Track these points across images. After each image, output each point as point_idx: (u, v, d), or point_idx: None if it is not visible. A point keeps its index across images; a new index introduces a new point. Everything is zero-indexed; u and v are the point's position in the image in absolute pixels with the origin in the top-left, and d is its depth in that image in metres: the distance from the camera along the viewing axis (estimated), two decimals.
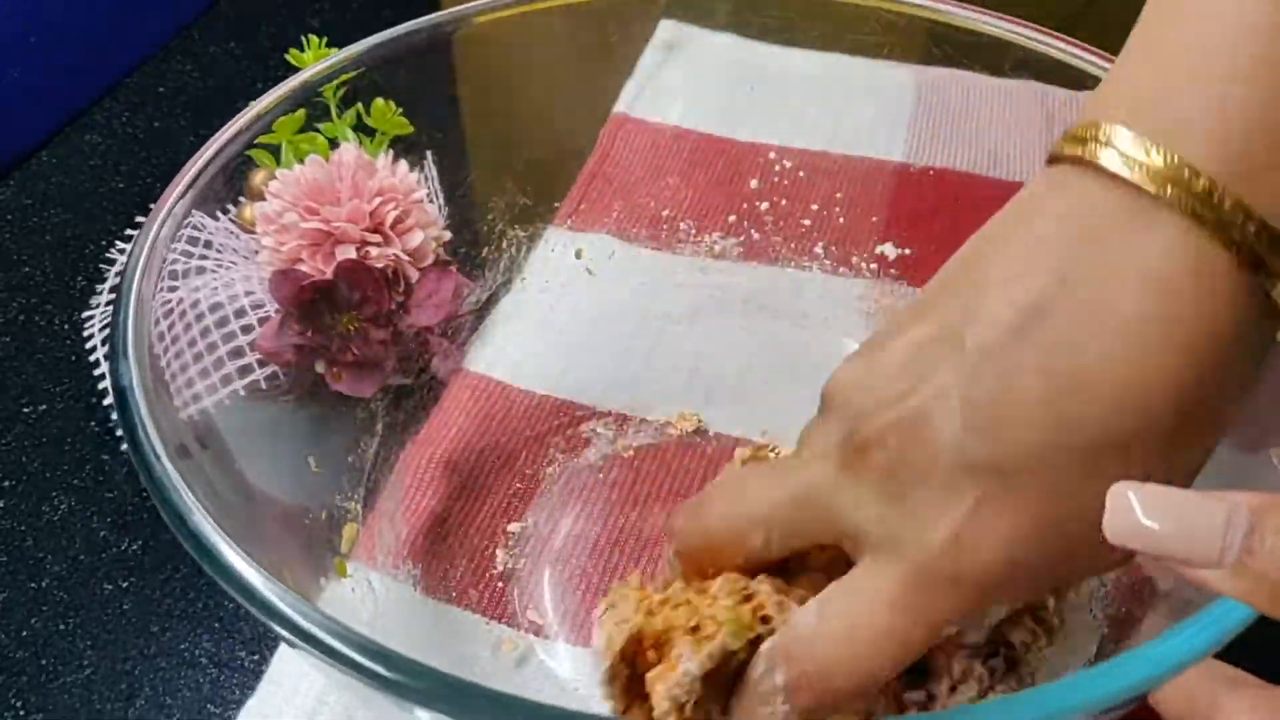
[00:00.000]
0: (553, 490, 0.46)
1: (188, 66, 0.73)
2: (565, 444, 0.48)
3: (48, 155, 0.66)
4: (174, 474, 0.29)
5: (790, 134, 0.54)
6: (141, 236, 0.37)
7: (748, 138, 0.55)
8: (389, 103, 0.47)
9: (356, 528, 0.42)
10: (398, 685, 0.25)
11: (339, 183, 0.44)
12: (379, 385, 0.46)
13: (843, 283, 0.51)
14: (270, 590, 0.27)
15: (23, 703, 0.41)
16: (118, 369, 0.32)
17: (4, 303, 0.57)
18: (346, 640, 0.25)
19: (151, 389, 0.32)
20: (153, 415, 0.31)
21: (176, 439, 0.31)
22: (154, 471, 0.29)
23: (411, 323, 0.47)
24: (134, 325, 0.33)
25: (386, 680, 0.25)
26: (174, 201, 0.38)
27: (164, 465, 0.29)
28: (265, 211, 0.43)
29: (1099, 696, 0.24)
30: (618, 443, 0.48)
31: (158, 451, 0.30)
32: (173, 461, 0.30)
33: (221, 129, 0.41)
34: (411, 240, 0.46)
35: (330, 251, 0.44)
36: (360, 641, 0.25)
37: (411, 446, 0.46)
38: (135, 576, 0.45)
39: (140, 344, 0.33)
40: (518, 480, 0.46)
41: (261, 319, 0.42)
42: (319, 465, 0.42)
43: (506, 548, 0.44)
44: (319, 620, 0.26)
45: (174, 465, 0.29)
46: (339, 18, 0.77)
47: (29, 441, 0.50)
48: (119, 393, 0.31)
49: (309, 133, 0.45)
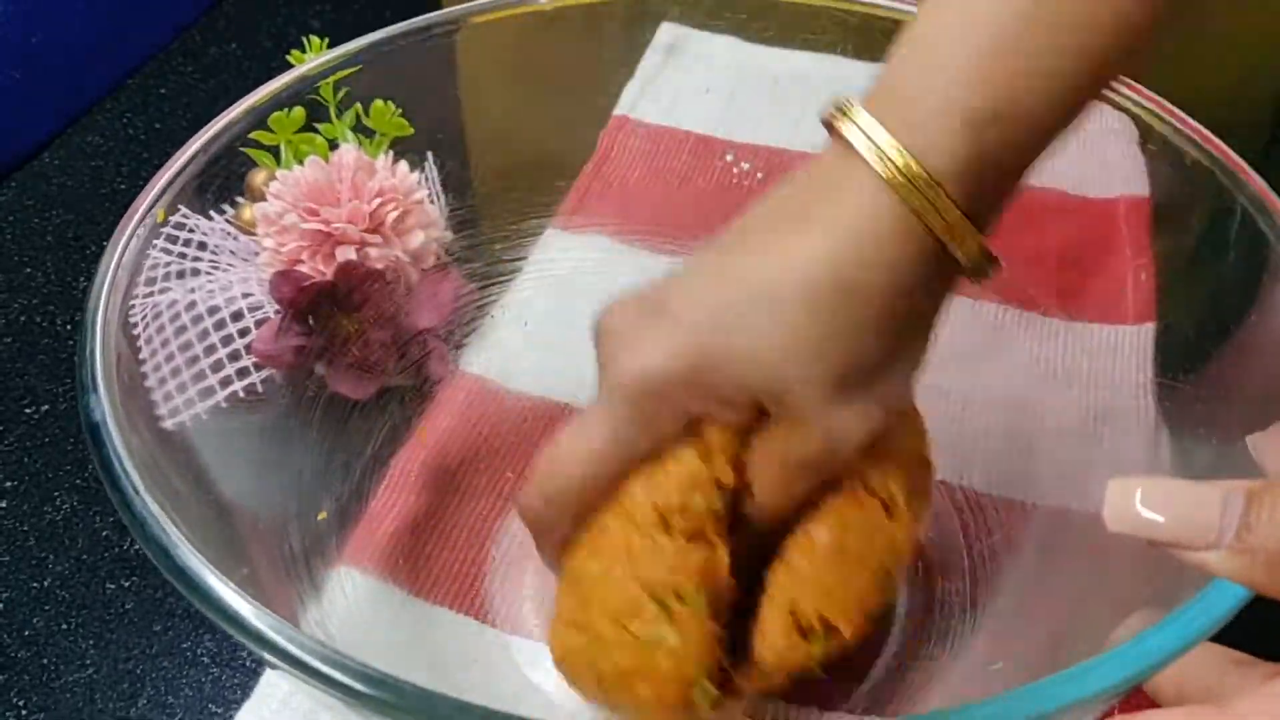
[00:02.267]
0: None
1: (189, 68, 0.73)
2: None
3: (49, 156, 0.66)
4: (154, 507, 0.28)
5: (791, 136, 0.54)
6: (107, 255, 0.35)
7: (748, 140, 0.55)
8: (388, 104, 0.47)
9: (326, 516, 0.42)
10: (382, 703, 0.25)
11: (339, 184, 0.44)
12: (379, 387, 0.46)
13: None
14: (259, 619, 0.26)
15: (25, 702, 0.41)
16: (88, 404, 0.31)
17: (5, 303, 0.57)
18: (335, 664, 0.25)
19: (124, 418, 0.31)
20: (128, 448, 0.30)
21: (154, 458, 0.31)
22: (134, 507, 0.28)
23: (412, 324, 0.47)
24: (102, 354, 0.32)
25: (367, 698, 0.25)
26: (142, 215, 0.37)
27: (144, 500, 0.28)
28: (265, 212, 0.43)
29: (1095, 690, 0.24)
30: None
31: (137, 487, 0.29)
32: (151, 495, 0.29)
33: (205, 126, 0.41)
34: (412, 241, 0.46)
35: (330, 253, 0.44)
36: (347, 664, 0.25)
37: (404, 448, 0.46)
38: (137, 576, 0.45)
39: (109, 374, 0.32)
40: (508, 483, 0.46)
41: (260, 321, 0.42)
42: (317, 466, 0.42)
43: (497, 548, 0.44)
44: (300, 641, 0.26)
45: (153, 498, 0.28)
46: (340, 19, 0.77)
47: (31, 442, 0.50)
48: (91, 428, 0.30)
49: (308, 133, 0.45)
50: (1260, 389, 0.34)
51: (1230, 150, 0.38)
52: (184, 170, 0.39)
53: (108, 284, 0.35)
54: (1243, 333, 0.36)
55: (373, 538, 0.43)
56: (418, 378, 0.48)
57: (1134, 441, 0.41)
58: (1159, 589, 0.27)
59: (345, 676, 0.25)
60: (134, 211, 0.37)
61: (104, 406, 0.31)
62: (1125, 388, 0.43)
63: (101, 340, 0.33)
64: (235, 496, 0.36)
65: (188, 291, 0.39)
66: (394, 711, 0.25)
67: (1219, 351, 0.38)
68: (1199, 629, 0.25)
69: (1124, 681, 0.24)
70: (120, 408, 0.31)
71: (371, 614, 0.40)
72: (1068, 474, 0.42)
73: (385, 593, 0.41)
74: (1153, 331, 0.43)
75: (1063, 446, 0.43)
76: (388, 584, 0.41)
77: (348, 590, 0.40)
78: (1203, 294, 0.41)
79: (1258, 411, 0.32)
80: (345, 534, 0.42)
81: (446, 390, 0.48)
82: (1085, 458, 0.42)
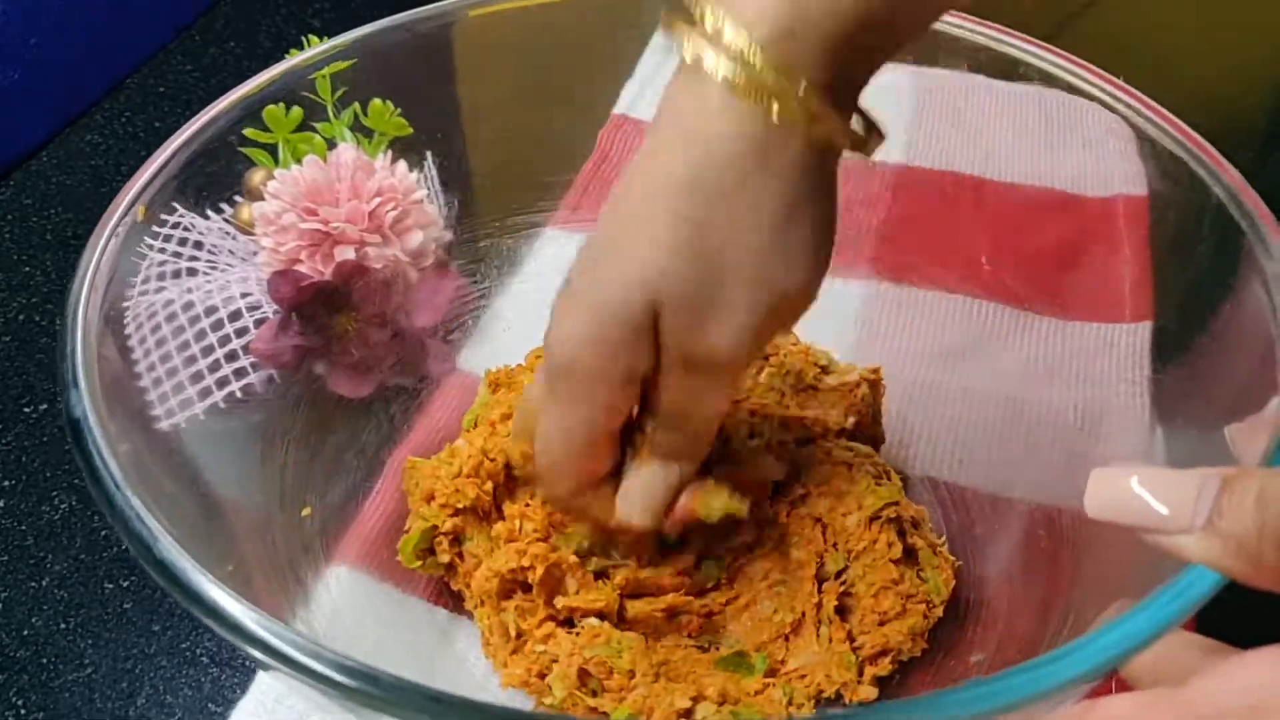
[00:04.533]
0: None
1: (188, 67, 0.73)
2: None
3: (48, 155, 0.66)
4: (135, 502, 0.28)
5: None
6: (87, 253, 0.36)
7: None
8: (387, 103, 0.47)
9: (311, 513, 0.42)
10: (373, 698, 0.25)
11: (338, 183, 0.44)
12: (377, 386, 0.46)
13: (840, 284, 0.51)
14: (246, 616, 0.26)
15: (24, 701, 0.41)
16: (69, 400, 0.31)
17: (4, 302, 0.57)
18: (320, 659, 0.25)
19: (106, 418, 0.31)
20: (110, 444, 0.30)
21: (140, 459, 0.31)
22: (115, 502, 0.28)
23: (411, 323, 0.47)
24: (83, 351, 0.32)
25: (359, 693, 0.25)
26: (122, 213, 0.37)
27: (125, 495, 0.28)
28: (264, 212, 0.43)
29: (1069, 675, 0.24)
30: None
31: (118, 481, 0.29)
32: (134, 489, 0.29)
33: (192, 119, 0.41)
34: (411, 241, 0.46)
35: (329, 252, 0.44)
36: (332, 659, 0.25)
37: (402, 447, 0.46)
38: (136, 575, 0.45)
39: (90, 370, 0.32)
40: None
41: (258, 320, 0.42)
42: (311, 468, 0.42)
43: None
44: (288, 637, 0.26)
45: (135, 492, 0.29)
46: (339, 18, 0.77)
47: (30, 441, 0.50)
48: (73, 424, 0.30)
49: (306, 132, 0.45)
50: (1242, 382, 0.34)
51: (1213, 149, 0.38)
52: (166, 166, 0.39)
53: (88, 281, 0.35)
54: (1226, 328, 0.37)
55: (366, 536, 0.43)
56: (416, 377, 0.48)
57: (1129, 439, 0.41)
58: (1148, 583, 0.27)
59: (324, 668, 0.25)
60: (115, 207, 0.37)
61: (85, 403, 0.31)
62: (1121, 385, 0.43)
63: (82, 336, 0.33)
64: (227, 495, 0.36)
65: (185, 291, 0.39)
66: (372, 702, 0.25)
67: (1210, 347, 0.38)
68: (1169, 615, 0.25)
69: (1093, 670, 0.24)
70: (102, 404, 0.31)
71: (361, 612, 0.40)
72: (1061, 471, 0.42)
73: (379, 591, 0.41)
74: (1149, 330, 0.43)
75: (1057, 444, 0.43)
76: (381, 582, 0.41)
77: (338, 588, 0.40)
78: (1192, 291, 0.41)
79: (1242, 405, 0.32)
80: (338, 533, 0.42)
81: (443, 389, 0.48)
82: (1079, 455, 0.42)
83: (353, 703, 0.25)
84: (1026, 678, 0.24)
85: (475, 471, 0.40)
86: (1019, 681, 0.24)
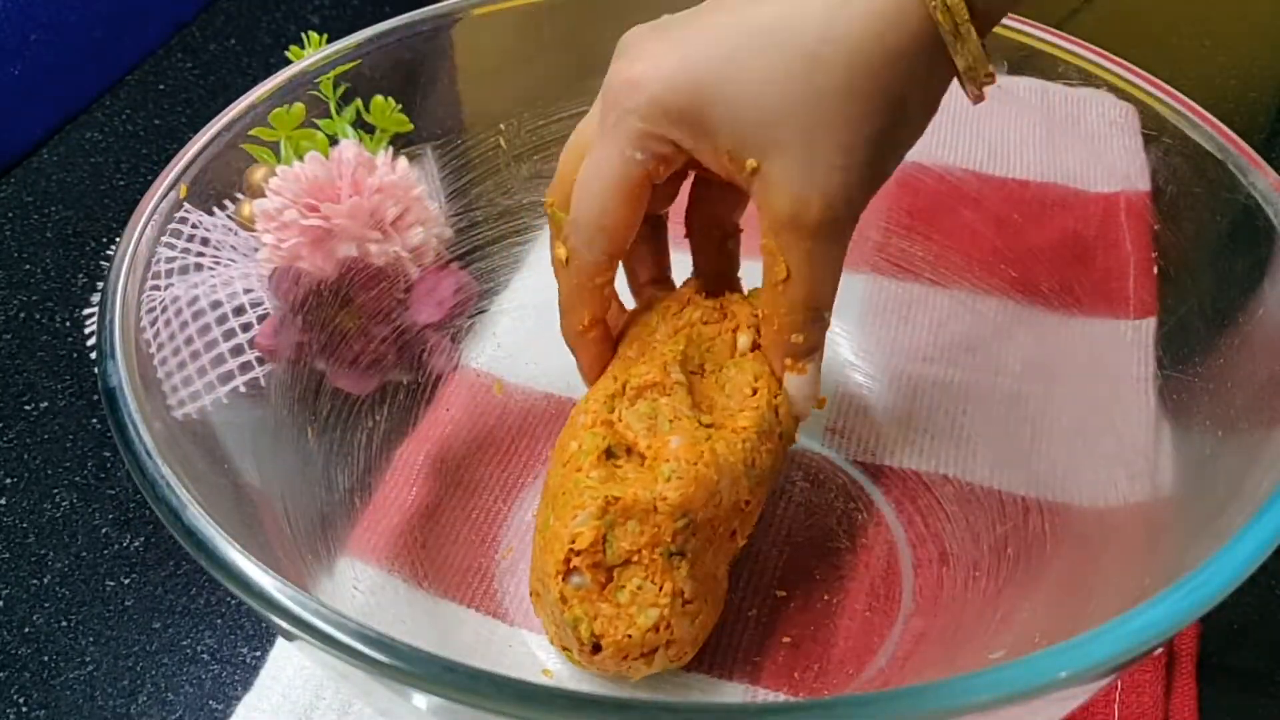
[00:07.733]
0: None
1: (188, 64, 0.73)
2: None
3: (48, 153, 0.66)
4: (166, 471, 0.29)
5: None
6: (128, 232, 0.37)
7: None
8: (388, 100, 0.47)
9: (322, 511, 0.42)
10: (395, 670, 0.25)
11: (339, 180, 0.44)
12: (379, 382, 0.46)
13: (843, 280, 0.51)
14: (268, 581, 0.27)
15: (25, 699, 0.41)
16: (106, 369, 0.32)
17: (5, 300, 0.57)
18: (344, 628, 0.25)
19: (140, 387, 0.32)
20: (143, 413, 0.31)
21: (169, 436, 0.31)
22: (146, 470, 0.29)
23: (412, 320, 0.47)
24: (120, 324, 0.33)
25: (385, 665, 0.25)
26: (160, 196, 0.38)
27: (155, 463, 0.29)
28: (265, 208, 0.43)
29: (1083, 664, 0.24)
30: None
31: (149, 449, 0.30)
32: (164, 457, 0.29)
33: (212, 120, 0.41)
34: (412, 237, 0.46)
35: (330, 249, 0.44)
36: (360, 630, 0.25)
37: (407, 442, 0.46)
38: (137, 573, 0.45)
39: (127, 342, 0.33)
40: (511, 476, 0.46)
41: (261, 316, 0.42)
42: (317, 462, 0.42)
43: (499, 543, 0.44)
44: (317, 609, 0.26)
45: (165, 461, 0.29)
46: (339, 15, 0.77)
47: (30, 439, 0.50)
48: (108, 393, 0.31)
49: (308, 129, 0.45)
50: (1263, 380, 0.34)
51: (1239, 139, 0.38)
52: (194, 162, 0.40)
53: (129, 257, 0.36)
54: (1246, 323, 0.37)
55: (377, 532, 0.43)
56: (419, 373, 0.48)
57: (1135, 435, 0.41)
58: (1158, 580, 0.27)
59: (346, 636, 0.25)
60: (154, 192, 0.38)
61: (120, 373, 0.32)
62: (1126, 382, 0.42)
63: (121, 307, 0.34)
64: (241, 483, 0.36)
65: (190, 287, 0.39)
66: (386, 671, 0.25)
67: (1222, 343, 0.38)
68: (1179, 613, 0.25)
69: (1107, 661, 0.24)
70: (137, 375, 0.32)
71: (376, 606, 0.40)
72: (1068, 468, 0.42)
73: (390, 585, 0.41)
74: (1154, 325, 0.43)
75: (1063, 440, 0.43)
76: (393, 577, 0.41)
77: (352, 583, 0.40)
78: (1207, 285, 0.41)
79: (1259, 403, 0.32)
80: (347, 528, 0.42)
81: (448, 386, 0.49)
82: (1086, 451, 0.42)
83: (373, 674, 0.25)
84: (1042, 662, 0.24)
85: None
86: (1025, 671, 0.24)
